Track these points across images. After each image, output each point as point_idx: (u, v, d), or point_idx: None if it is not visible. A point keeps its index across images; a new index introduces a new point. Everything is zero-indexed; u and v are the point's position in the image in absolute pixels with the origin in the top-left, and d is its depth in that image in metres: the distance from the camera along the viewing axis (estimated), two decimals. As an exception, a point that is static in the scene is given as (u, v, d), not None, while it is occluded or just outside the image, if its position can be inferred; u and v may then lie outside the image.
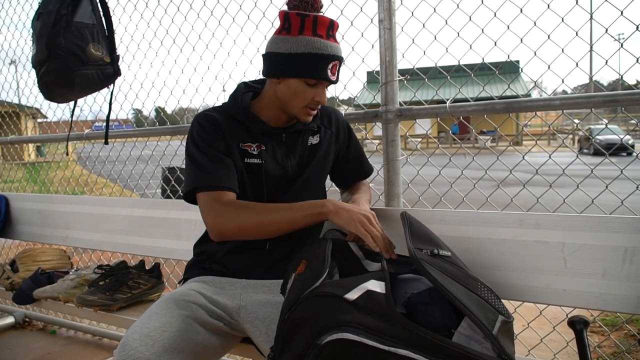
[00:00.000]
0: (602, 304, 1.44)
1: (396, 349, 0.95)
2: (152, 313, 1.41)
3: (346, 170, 1.81)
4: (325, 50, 1.45)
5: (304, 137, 1.65)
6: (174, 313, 1.41)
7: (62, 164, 3.81)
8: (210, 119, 1.56)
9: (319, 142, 1.68)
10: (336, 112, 1.76)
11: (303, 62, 1.45)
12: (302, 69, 1.46)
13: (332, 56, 1.47)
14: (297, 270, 1.25)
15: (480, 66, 2.02)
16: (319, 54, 1.45)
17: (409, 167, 2.14)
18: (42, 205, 2.94)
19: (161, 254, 2.43)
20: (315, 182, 1.68)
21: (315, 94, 1.50)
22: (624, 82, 2.23)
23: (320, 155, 1.68)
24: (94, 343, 3.09)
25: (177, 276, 3.03)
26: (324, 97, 1.52)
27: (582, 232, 1.47)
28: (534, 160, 2.05)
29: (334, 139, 1.72)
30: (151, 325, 1.35)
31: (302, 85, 1.48)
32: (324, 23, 1.46)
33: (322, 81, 1.49)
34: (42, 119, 6.62)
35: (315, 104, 1.52)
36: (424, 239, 1.28)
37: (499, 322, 1.03)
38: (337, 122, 1.74)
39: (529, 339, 2.13)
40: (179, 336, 1.35)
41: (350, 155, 1.79)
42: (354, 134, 1.81)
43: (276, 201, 1.58)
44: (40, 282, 2.34)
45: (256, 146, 1.57)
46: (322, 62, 1.46)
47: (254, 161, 1.57)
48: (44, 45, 2.10)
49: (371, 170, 1.86)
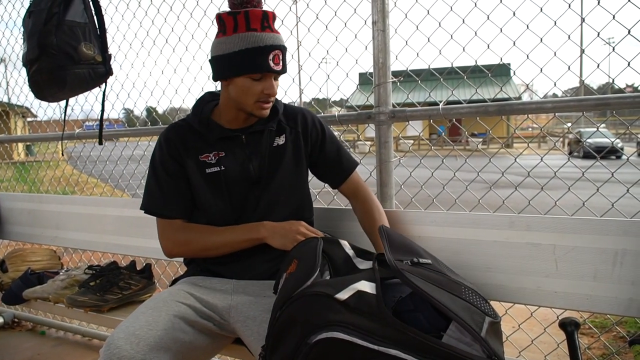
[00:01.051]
0: (592, 305, 1.46)
1: (386, 348, 0.95)
2: (139, 312, 1.40)
3: (328, 167, 1.75)
4: (261, 43, 1.46)
5: (269, 138, 1.64)
6: (161, 312, 1.40)
7: (53, 164, 3.78)
8: (170, 139, 1.62)
9: (285, 142, 1.66)
10: (304, 113, 1.73)
11: (242, 59, 1.46)
12: (243, 66, 1.47)
13: (270, 46, 1.47)
14: (289, 270, 1.25)
15: (473, 68, 2.02)
16: (255, 48, 1.45)
17: (402, 168, 2.14)
18: (32, 205, 2.92)
19: (152, 254, 2.41)
20: (292, 185, 1.66)
21: (263, 87, 1.50)
22: (614, 86, 2.24)
23: (289, 155, 1.66)
24: (84, 344, 3.07)
25: (169, 277, 3.02)
26: (273, 89, 1.52)
27: (573, 234, 1.48)
28: (526, 162, 2.06)
29: (301, 138, 1.69)
30: (137, 324, 1.34)
31: (249, 81, 1.49)
32: (257, 16, 1.47)
33: (266, 73, 1.49)
34: (32, 118, 6.57)
35: (265, 97, 1.52)
36: (404, 250, 1.28)
37: (487, 323, 1.04)
38: (305, 122, 1.71)
39: (520, 340, 2.14)
40: (166, 335, 1.35)
41: (328, 152, 1.73)
42: (328, 131, 1.76)
43: (248, 206, 1.61)
44: (30, 282, 2.32)
45: (213, 155, 1.60)
46: (261, 55, 1.46)
47: (213, 170, 1.59)
48: (35, 44, 2.08)
49: (355, 162, 1.79)
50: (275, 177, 1.62)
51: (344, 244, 1.41)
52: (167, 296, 1.48)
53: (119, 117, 3.87)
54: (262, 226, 1.55)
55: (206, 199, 1.61)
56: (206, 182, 1.59)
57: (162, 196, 1.62)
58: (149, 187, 1.65)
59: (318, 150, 1.73)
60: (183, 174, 1.61)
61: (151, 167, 1.66)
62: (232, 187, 1.59)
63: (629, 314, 1.43)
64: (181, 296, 1.49)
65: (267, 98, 1.53)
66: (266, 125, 1.63)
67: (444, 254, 1.64)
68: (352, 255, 1.35)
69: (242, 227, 1.57)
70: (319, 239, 1.35)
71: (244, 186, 1.60)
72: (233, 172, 1.59)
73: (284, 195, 1.64)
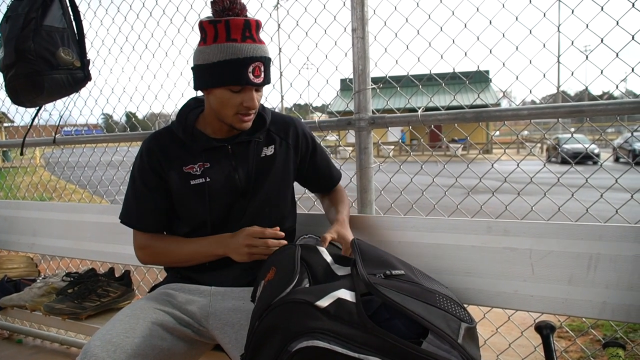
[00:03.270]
0: (568, 309, 1.48)
1: (366, 355, 0.96)
2: (117, 320, 1.39)
3: (316, 178, 1.80)
4: (240, 54, 1.40)
5: (256, 149, 1.61)
6: (139, 319, 1.39)
7: (30, 170, 3.73)
8: (152, 150, 1.59)
9: (274, 153, 1.63)
10: (295, 123, 1.71)
11: (221, 70, 1.41)
12: (222, 78, 1.42)
13: (250, 58, 1.41)
14: (267, 277, 1.25)
15: (451, 75, 2.05)
16: (234, 60, 1.40)
17: (382, 174, 2.16)
18: (8, 211, 2.88)
19: (131, 261, 2.38)
20: (279, 196, 1.65)
21: (243, 100, 1.45)
22: (590, 93, 2.29)
23: (277, 167, 1.63)
24: (62, 352, 3.03)
25: (148, 284, 3.00)
26: (254, 102, 1.46)
27: (549, 239, 1.51)
28: (504, 168, 2.09)
29: (292, 150, 1.68)
30: (114, 331, 1.33)
31: (228, 93, 1.45)
32: (238, 26, 1.40)
33: (246, 86, 1.44)
34: (9, 123, 6.47)
35: (245, 109, 1.47)
36: (376, 263, 1.29)
37: (463, 329, 1.06)
38: (296, 133, 1.69)
39: (498, 344, 2.16)
40: (143, 342, 1.34)
41: (318, 163, 1.77)
42: (317, 142, 1.78)
43: (232, 217, 1.59)
44: (6, 290, 2.29)
45: (198, 166, 1.56)
46: (240, 67, 1.41)
47: (198, 181, 1.56)
48: (13, 49, 2.06)
49: (339, 175, 1.86)
50: (262, 188, 1.60)
51: (322, 251, 1.41)
52: (145, 303, 1.47)
53: (98, 122, 3.84)
54: (219, 243, 1.54)
55: (189, 209, 1.59)
56: (190, 192, 1.56)
57: (137, 208, 1.62)
58: (127, 199, 1.66)
59: (308, 161, 1.74)
60: (162, 187, 1.59)
61: (131, 178, 1.64)
62: (217, 199, 1.56)
63: (603, 317, 1.46)
64: (159, 303, 1.49)
65: (247, 111, 1.48)
66: (252, 136, 1.60)
67: (423, 259, 1.66)
68: (330, 261, 1.35)
69: (208, 241, 1.57)
70: (297, 247, 1.34)
71: (229, 197, 1.57)
72: (218, 183, 1.56)
73: (268, 206, 1.62)
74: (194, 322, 1.50)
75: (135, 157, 1.66)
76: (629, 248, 1.41)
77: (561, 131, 19.19)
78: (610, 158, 16.95)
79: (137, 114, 3.20)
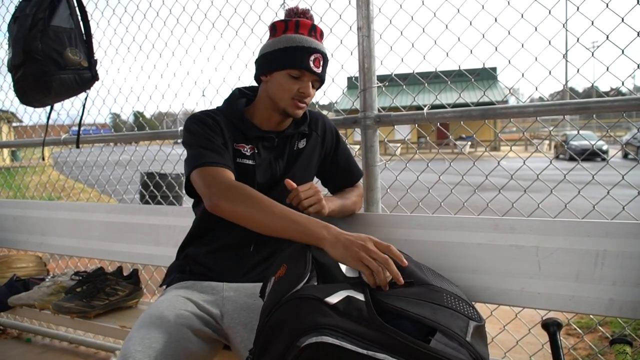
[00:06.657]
0: (575, 306, 1.48)
1: (375, 352, 0.96)
2: (149, 323, 1.38)
3: (335, 174, 1.82)
4: (305, 43, 1.53)
5: (292, 142, 1.69)
6: (171, 322, 1.39)
7: (38, 169, 3.76)
8: (208, 117, 1.60)
9: (305, 145, 1.70)
10: (324, 117, 1.80)
11: (285, 55, 1.53)
12: (284, 61, 1.54)
13: (313, 49, 1.54)
14: (277, 274, 1.25)
15: (457, 73, 2.05)
16: (299, 47, 1.53)
17: (388, 172, 2.16)
18: (17, 210, 2.90)
19: (139, 260, 2.41)
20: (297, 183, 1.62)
21: (300, 86, 1.55)
22: (597, 89, 2.28)
23: (304, 157, 1.70)
24: (71, 351, 3.05)
25: (156, 282, 3.01)
26: (309, 89, 1.56)
27: (556, 236, 1.51)
28: (511, 165, 2.09)
29: (320, 141, 1.74)
30: (152, 335, 1.32)
31: (287, 78, 1.54)
32: (306, 25, 1.57)
33: (304, 72, 1.54)
34: (18, 123, 6.51)
35: (300, 95, 1.56)
36: None
37: (472, 327, 1.06)
38: (324, 126, 1.77)
39: (505, 341, 2.16)
40: (179, 347, 1.35)
41: (339, 160, 1.80)
42: (342, 139, 1.83)
43: None
44: (15, 289, 2.31)
45: (249, 148, 1.61)
46: (303, 54, 1.53)
47: (246, 162, 1.60)
48: (21, 49, 2.08)
49: (360, 174, 1.86)
50: (287, 176, 1.62)
51: None
52: (169, 304, 1.46)
53: (106, 121, 3.86)
54: (326, 228, 1.30)
55: None
56: (237, 169, 1.56)
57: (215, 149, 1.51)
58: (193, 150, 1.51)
59: (331, 156, 1.79)
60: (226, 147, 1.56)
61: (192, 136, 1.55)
62: (258, 183, 1.60)
63: (610, 314, 1.45)
64: (182, 303, 1.48)
65: (302, 97, 1.56)
66: (298, 129, 1.67)
67: (430, 257, 1.66)
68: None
69: (305, 220, 1.33)
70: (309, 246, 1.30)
71: (267, 184, 1.62)
72: (261, 170, 1.61)
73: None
74: (212, 320, 1.50)
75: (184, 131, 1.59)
76: (636, 245, 1.41)
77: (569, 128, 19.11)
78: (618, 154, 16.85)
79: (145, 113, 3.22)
